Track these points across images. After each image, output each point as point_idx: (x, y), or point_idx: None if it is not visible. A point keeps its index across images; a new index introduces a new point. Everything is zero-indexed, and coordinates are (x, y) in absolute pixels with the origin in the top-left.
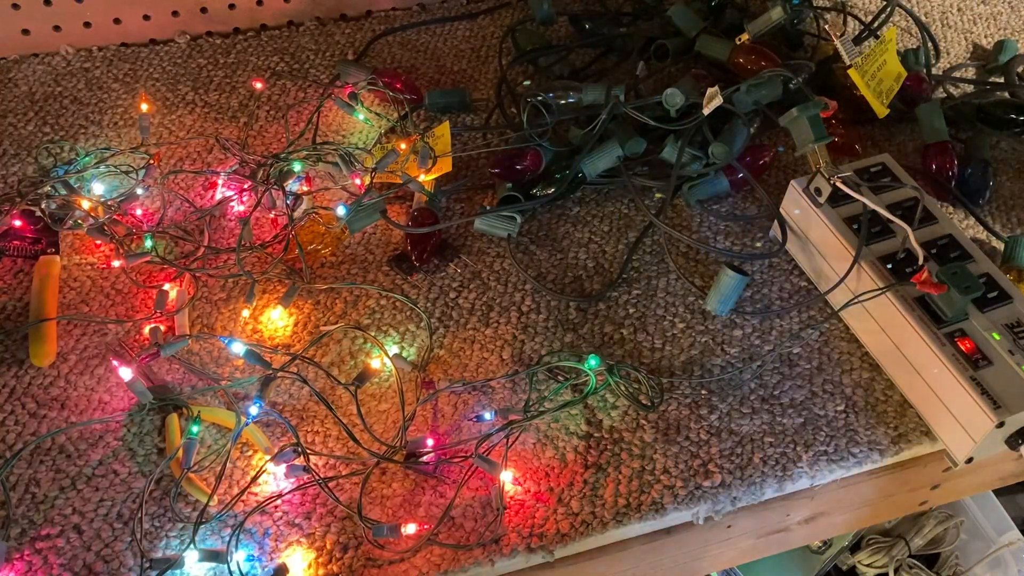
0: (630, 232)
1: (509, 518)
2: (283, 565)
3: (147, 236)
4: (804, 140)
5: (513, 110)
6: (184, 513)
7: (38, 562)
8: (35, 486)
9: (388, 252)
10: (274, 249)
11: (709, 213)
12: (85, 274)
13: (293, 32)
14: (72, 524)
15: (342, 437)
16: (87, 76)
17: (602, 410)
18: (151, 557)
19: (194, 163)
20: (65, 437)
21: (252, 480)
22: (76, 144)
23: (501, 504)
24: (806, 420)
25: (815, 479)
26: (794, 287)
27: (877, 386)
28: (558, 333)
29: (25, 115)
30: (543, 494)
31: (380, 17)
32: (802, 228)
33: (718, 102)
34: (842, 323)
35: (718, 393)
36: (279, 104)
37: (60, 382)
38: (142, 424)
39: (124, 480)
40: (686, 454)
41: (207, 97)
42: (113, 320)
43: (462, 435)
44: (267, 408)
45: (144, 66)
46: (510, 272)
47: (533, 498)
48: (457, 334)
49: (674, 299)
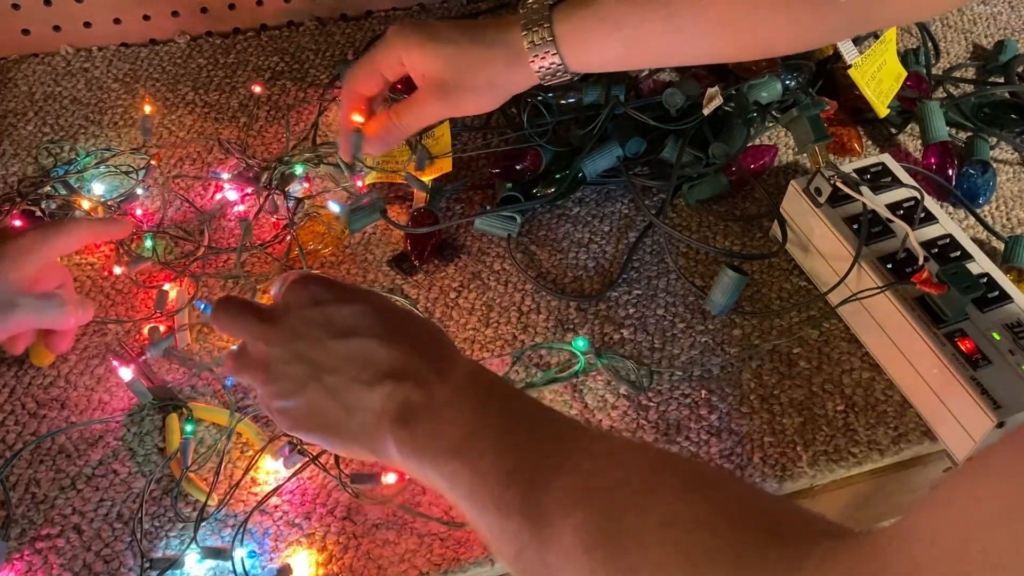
0: (630, 232)
1: None
2: (287, 565)
3: (147, 236)
4: (804, 140)
5: (513, 110)
6: (184, 513)
7: (38, 562)
8: (35, 486)
9: (388, 252)
10: (274, 249)
11: (709, 213)
12: (85, 274)
13: (293, 32)
14: (72, 524)
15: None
16: (87, 76)
17: (601, 410)
18: (151, 557)
19: (194, 163)
20: (65, 437)
21: (246, 471)
22: (76, 144)
23: None
24: (806, 420)
25: (815, 479)
26: (794, 287)
27: (877, 386)
28: (558, 333)
29: (25, 115)
30: None
31: (380, 17)
32: (802, 228)
33: (718, 102)
34: (842, 323)
35: (718, 393)
36: (279, 104)
37: (60, 382)
38: (142, 424)
39: (124, 480)
40: (686, 454)
41: (207, 97)
42: (113, 320)
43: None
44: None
45: (144, 66)
46: (510, 272)
47: None
48: (457, 334)
49: (674, 299)
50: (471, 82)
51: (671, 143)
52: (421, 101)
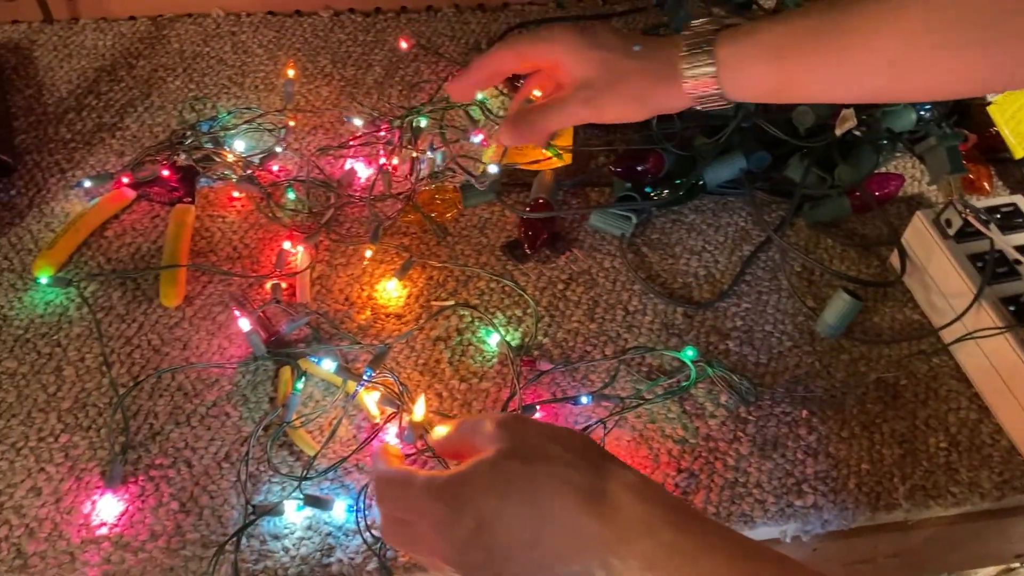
0: (744, 245)
1: None
2: None
3: (288, 188)
4: (939, 171)
5: None
6: (289, 462)
7: (150, 488)
8: (153, 417)
9: (502, 238)
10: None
11: (827, 235)
12: (216, 226)
13: (431, 16)
14: (184, 458)
15: (441, 409)
16: (234, 39)
17: (699, 417)
18: (253, 503)
19: (327, 133)
20: (184, 375)
21: (367, 441)
22: (217, 103)
23: None
24: (906, 452)
25: (910, 513)
26: (906, 319)
27: (984, 429)
28: (663, 336)
29: (174, 71)
30: None
31: (516, 10)
32: (922, 260)
33: (852, 124)
34: (953, 360)
35: (819, 415)
36: (411, 83)
37: (184, 324)
38: (256, 373)
39: (235, 423)
40: (780, 471)
41: (344, 72)
42: (239, 274)
43: (558, 420)
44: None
45: (287, 35)
46: (619, 271)
47: None
48: (562, 324)
49: (783, 316)
50: (619, 91)
51: (796, 161)
52: (567, 102)
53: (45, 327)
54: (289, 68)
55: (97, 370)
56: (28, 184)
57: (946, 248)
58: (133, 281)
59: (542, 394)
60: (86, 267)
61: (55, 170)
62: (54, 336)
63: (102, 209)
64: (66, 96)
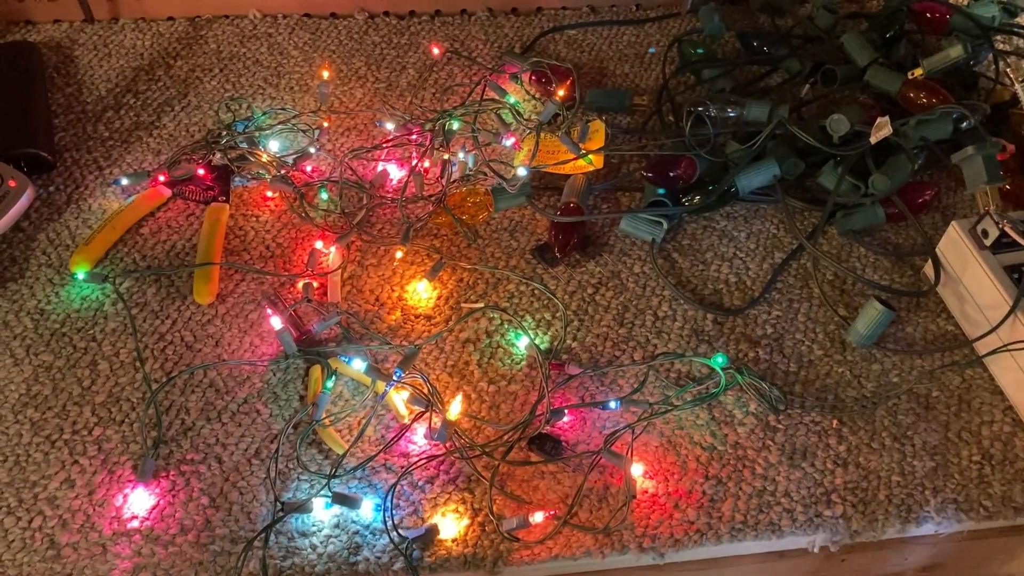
0: (776, 252)
1: (624, 515)
2: (435, 526)
3: (321, 188)
4: (976, 180)
5: (671, 118)
6: (317, 459)
7: (181, 483)
8: (185, 413)
9: (532, 241)
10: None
11: (860, 244)
12: (250, 225)
13: (465, 20)
14: (215, 454)
15: (470, 411)
16: (270, 41)
17: (728, 424)
18: (281, 499)
19: (360, 134)
20: (216, 372)
21: (395, 438)
22: (252, 103)
23: (631, 493)
24: (938, 465)
25: (940, 526)
26: (940, 329)
27: (1018, 442)
28: (692, 342)
29: (211, 71)
30: (660, 498)
31: (550, 14)
32: (956, 270)
33: (887, 132)
34: (987, 373)
35: (849, 425)
36: (444, 87)
37: (216, 321)
38: (287, 371)
39: (265, 421)
40: (809, 480)
41: (378, 73)
42: (271, 273)
43: (586, 425)
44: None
45: (323, 37)
46: (649, 276)
47: (650, 500)
48: (591, 329)
49: (815, 325)
50: None
51: (829, 168)
52: None
53: (81, 322)
54: (324, 70)
55: (131, 365)
56: (67, 181)
57: (982, 259)
58: (167, 278)
59: (570, 398)
60: (122, 263)
61: (93, 167)
62: (90, 331)
63: (138, 207)
64: (105, 95)
